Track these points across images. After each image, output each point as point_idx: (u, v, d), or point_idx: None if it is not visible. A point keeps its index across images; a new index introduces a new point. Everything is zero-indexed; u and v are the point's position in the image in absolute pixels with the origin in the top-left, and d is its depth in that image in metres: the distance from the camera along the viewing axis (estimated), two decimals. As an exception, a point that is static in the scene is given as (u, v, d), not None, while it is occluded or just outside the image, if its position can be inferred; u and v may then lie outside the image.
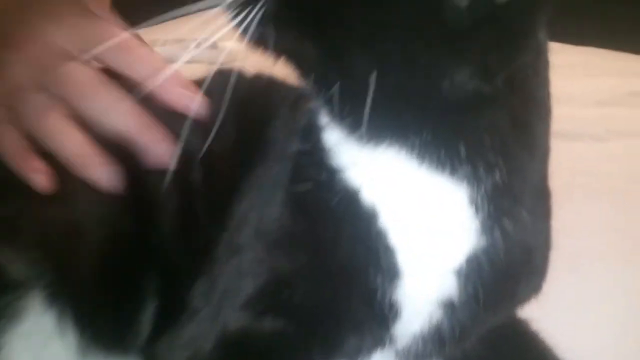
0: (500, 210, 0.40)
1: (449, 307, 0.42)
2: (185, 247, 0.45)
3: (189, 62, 0.54)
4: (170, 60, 0.81)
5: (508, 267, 0.42)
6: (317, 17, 0.36)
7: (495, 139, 0.38)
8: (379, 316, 0.41)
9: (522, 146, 0.41)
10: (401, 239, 0.40)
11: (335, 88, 0.36)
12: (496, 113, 0.39)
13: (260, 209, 0.43)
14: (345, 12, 0.35)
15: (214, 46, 0.76)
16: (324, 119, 0.41)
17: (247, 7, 0.36)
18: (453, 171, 0.38)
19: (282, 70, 0.40)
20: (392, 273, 0.40)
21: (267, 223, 0.42)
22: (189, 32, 0.63)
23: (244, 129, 0.47)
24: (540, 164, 0.44)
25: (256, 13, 0.36)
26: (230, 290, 0.42)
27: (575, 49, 1.31)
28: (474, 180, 0.39)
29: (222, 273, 0.43)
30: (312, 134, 0.42)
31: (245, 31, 0.36)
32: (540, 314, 0.50)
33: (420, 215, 0.40)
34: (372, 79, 0.34)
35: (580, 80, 1.08)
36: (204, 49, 0.76)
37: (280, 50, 0.38)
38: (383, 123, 0.37)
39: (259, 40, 0.38)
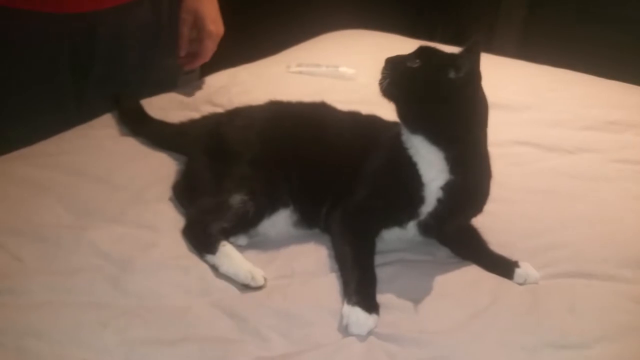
0: (458, 165, 1.06)
1: (441, 202, 1.09)
2: (345, 184, 1.13)
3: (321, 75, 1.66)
4: (310, 74, 2.00)
5: (464, 192, 1.09)
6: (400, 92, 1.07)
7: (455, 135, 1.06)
8: (415, 202, 1.08)
9: (469, 139, 1.07)
10: (423, 170, 1.07)
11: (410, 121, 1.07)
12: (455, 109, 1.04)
13: (374, 167, 1.13)
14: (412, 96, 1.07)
15: (337, 69, 1.98)
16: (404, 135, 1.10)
17: (385, 78, 1.05)
18: (441, 146, 1.05)
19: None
20: (421, 183, 1.08)
21: (374, 169, 1.12)
22: (323, 59, 1.81)
23: (369, 140, 1.16)
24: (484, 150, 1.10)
25: (385, 81, 1.07)
26: (360, 194, 1.12)
27: (579, 76, 1.89)
28: (445, 150, 1.05)
29: (357, 189, 1.12)
30: (398, 137, 1.10)
31: (382, 87, 1.08)
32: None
33: (428, 161, 1.08)
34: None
35: (576, 109, 1.69)
36: (330, 69, 1.98)
37: (393, 100, 1.08)
38: (419, 129, 1.05)
39: (385, 93, 1.08)
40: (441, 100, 1.03)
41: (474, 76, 1.04)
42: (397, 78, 1.04)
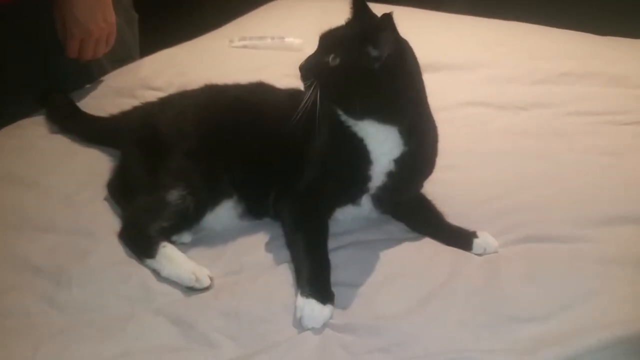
0: (412, 135, 1.00)
1: (391, 175, 1.03)
2: (292, 167, 1.06)
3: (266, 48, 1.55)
4: (254, 47, 1.91)
5: (414, 163, 1.04)
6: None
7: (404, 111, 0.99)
8: (364, 180, 1.03)
9: (416, 117, 1.01)
10: (373, 147, 1.01)
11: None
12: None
13: (318, 146, 1.04)
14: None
15: (282, 40, 1.90)
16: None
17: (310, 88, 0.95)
18: (394, 123, 0.98)
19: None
20: (369, 161, 1.02)
21: (320, 149, 1.04)
22: (268, 31, 1.67)
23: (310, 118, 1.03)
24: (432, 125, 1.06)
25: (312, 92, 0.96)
26: (308, 175, 1.05)
27: (530, 28, 1.83)
28: (399, 124, 0.99)
29: (305, 171, 1.05)
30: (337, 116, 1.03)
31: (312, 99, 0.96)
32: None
33: (380, 138, 1.01)
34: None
35: (527, 63, 1.64)
36: (276, 41, 1.90)
37: (331, 105, 1.00)
38: (365, 117, 0.98)
39: (322, 104, 0.97)
40: (380, 84, 0.95)
41: (400, 47, 0.96)
42: (325, 84, 0.95)
